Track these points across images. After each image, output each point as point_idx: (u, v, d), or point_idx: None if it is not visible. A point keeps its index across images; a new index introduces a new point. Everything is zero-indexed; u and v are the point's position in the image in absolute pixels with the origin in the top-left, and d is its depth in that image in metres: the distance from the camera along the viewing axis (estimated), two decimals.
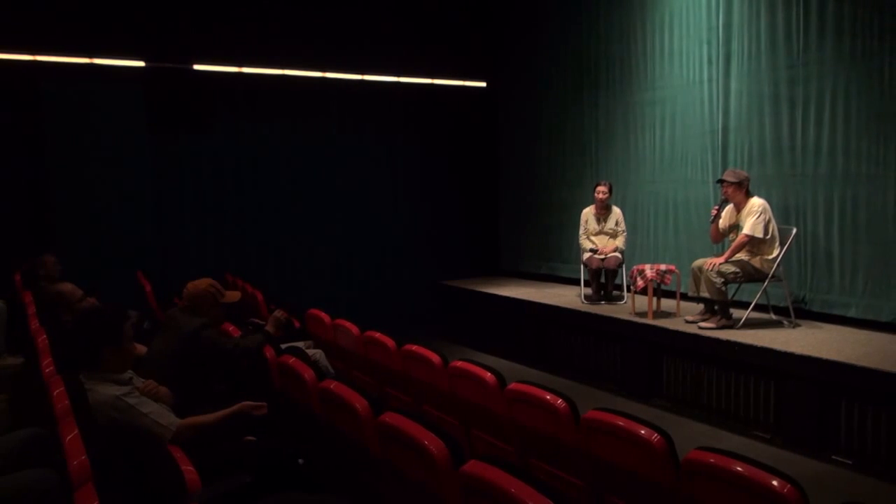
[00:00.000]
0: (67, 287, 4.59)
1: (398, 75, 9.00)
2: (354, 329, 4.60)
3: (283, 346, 4.06)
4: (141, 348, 3.50)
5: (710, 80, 6.61)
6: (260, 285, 6.66)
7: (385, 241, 9.30)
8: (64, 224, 7.19)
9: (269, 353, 3.80)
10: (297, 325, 5.65)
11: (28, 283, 5.62)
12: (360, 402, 2.72)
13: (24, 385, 3.45)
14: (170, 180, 7.97)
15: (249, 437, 3.11)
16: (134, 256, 7.35)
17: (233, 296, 3.88)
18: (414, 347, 3.97)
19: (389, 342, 4.19)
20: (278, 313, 4.06)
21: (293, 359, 3.45)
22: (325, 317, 5.01)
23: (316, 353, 4.44)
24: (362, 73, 8.80)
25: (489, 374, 3.36)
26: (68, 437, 2.13)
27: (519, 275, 9.17)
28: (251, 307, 6.59)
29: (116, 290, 6.23)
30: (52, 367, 2.86)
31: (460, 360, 3.62)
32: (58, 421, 2.27)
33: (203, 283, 3.77)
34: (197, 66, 7.82)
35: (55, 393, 2.43)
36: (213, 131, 8.17)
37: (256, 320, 4.37)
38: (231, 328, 4.53)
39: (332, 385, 2.97)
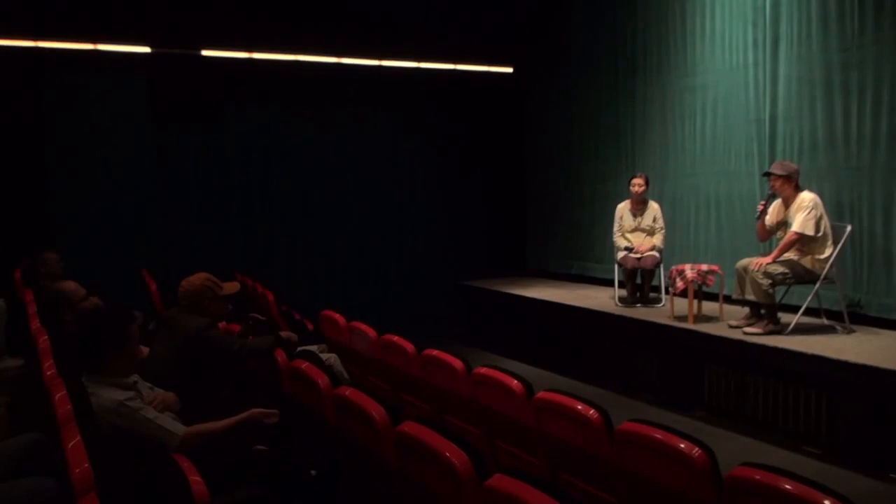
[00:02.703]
0: (70, 286, 4.66)
1: (418, 60, 9.01)
2: (371, 332, 4.61)
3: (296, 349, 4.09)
4: (145, 351, 3.55)
5: (755, 65, 6.54)
6: (271, 285, 6.71)
7: (403, 239, 9.33)
8: (66, 220, 7.31)
9: (280, 356, 3.83)
10: (310, 327, 5.69)
11: (29, 281, 5.72)
12: (376, 411, 2.73)
13: (25, 388, 3.51)
14: (176, 174, 8.07)
15: (259, 446, 3.14)
16: (139, 254, 7.45)
17: (231, 287, 3.91)
18: (434, 352, 3.96)
19: (408, 346, 4.19)
20: (293, 337, 4.10)
21: (306, 363, 3.47)
22: (340, 319, 5.03)
23: (330, 358, 4.46)
24: (380, 59, 8.81)
25: (515, 381, 3.35)
26: (70, 444, 2.16)
27: (547, 275, 9.15)
28: (252, 300, 6.65)
29: (120, 290, 6.31)
30: (53, 370, 2.90)
31: (484, 366, 3.62)
32: (59, 427, 2.30)
33: (198, 278, 3.80)
34: (205, 53, 7.89)
35: (57, 397, 2.47)
36: (223, 122, 8.25)
37: (256, 315, 4.39)
38: (222, 324, 4.58)
39: (348, 392, 2.98)
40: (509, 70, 9.61)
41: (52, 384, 2.61)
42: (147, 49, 7.58)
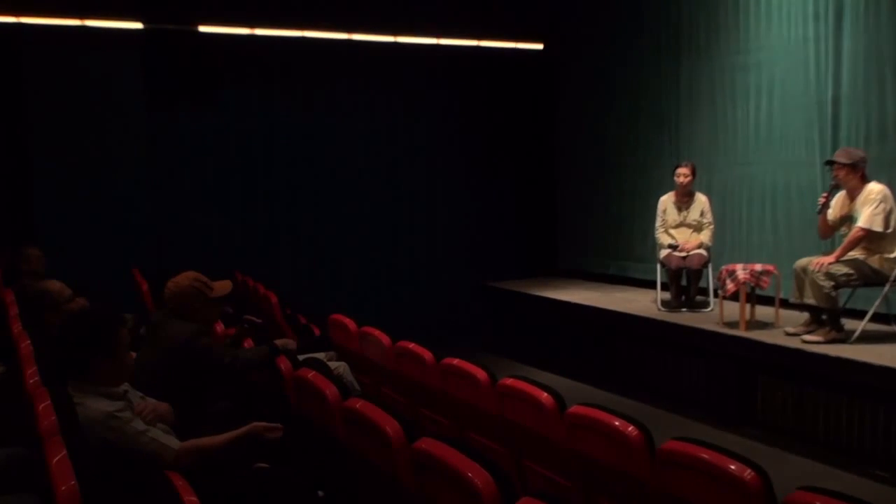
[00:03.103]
0: (55, 285, 4.70)
1: (438, 36, 9.01)
2: (385, 339, 4.62)
3: (301, 357, 4.11)
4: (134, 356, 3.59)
5: (817, 40, 6.47)
6: (274, 286, 6.75)
7: (421, 236, 9.35)
8: (50, 212, 7.39)
9: (284, 365, 3.85)
10: (316, 332, 5.71)
11: (9, 279, 5.78)
12: (391, 426, 2.73)
13: (5, 398, 3.55)
14: (171, 163, 8.14)
15: (261, 464, 3.16)
16: (129, 251, 7.52)
17: (222, 287, 3.92)
18: (455, 362, 3.97)
19: (426, 355, 4.20)
20: (290, 344, 4.12)
21: (312, 373, 3.49)
22: (351, 323, 5.05)
23: (339, 367, 4.48)
24: (395, 35, 8.82)
25: (546, 394, 3.35)
26: (55, 459, 2.18)
27: (581, 275, 9.13)
28: (254, 302, 6.68)
29: (109, 290, 6.37)
30: (36, 378, 2.93)
31: (511, 377, 3.61)
32: (43, 440, 2.33)
33: (185, 278, 3.81)
34: (203, 29, 7.95)
35: (41, 408, 2.49)
36: (222, 105, 8.31)
37: (252, 318, 4.42)
38: (221, 327, 4.62)
39: (359, 405, 2.99)
40: (539, 47, 9.56)
41: (34, 393, 2.64)
42: (139, 25, 7.65)
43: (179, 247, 7.99)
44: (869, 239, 5.34)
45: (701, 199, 6.88)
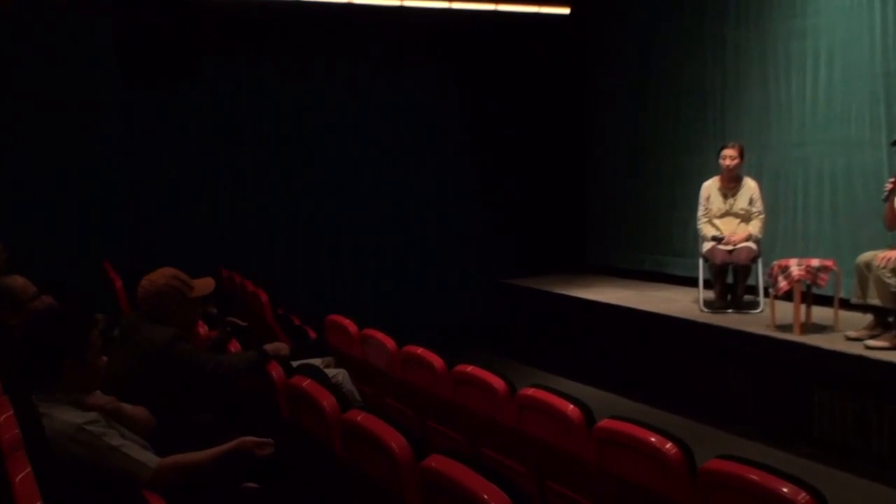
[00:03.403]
0: (17, 281, 4.72)
1: (450, 0, 9.00)
2: (389, 342, 4.63)
3: (295, 363, 4.13)
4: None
5: (883, 1, 6.42)
6: (264, 282, 6.78)
7: (430, 227, 9.37)
8: (10, 200, 7.43)
9: (275, 372, 3.86)
10: (312, 335, 5.73)
11: None
12: (396, 441, 2.74)
13: None
14: (147, 143, 8.17)
15: (250, 484, 3.17)
16: (101, 243, 7.57)
17: (204, 285, 3.93)
18: (469, 369, 3.96)
19: (436, 361, 4.20)
20: (282, 348, 4.12)
21: (308, 381, 3.50)
22: (351, 325, 5.06)
23: (338, 374, 4.49)
24: None
25: (572, 406, 3.35)
26: (18, 477, 2.20)
27: (612, 272, 9.12)
28: (241, 301, 6.69)
29: (78, 286, 6.40)
30: None
31: (532, 386, 3.61)
32: (5, 455, 2.34)
33: (161, 276, 3.81)
34: None
35: (2, 419, 2.51)
36: (205, 78, 8.34)
37: (236, 320, 4.43)
38: (203, 329, 4.63)
39: (360, 417, 3.00)
40: (566, 12, 9.52)
41: None
42: None
43: (157, 238, 8.04)
44: None
45: (750, 185, 6.85)
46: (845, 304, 5.99)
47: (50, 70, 7.54)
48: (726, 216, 6.86)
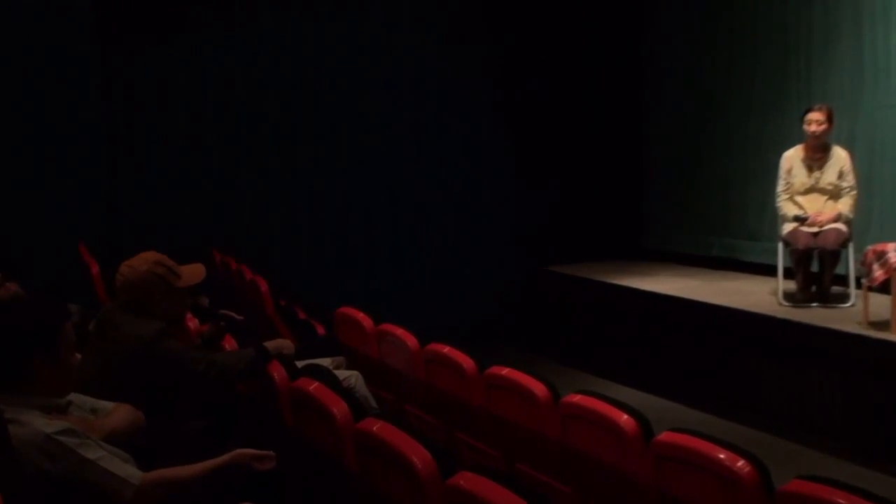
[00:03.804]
0: None
1: None
2: (410, 340, 4.64)
3: (300, 363, 4.14)
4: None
5: None
6: (265, 269, 6.81)
7: (459, 206, 9.36)
8: None
9: (277, 374, 3.88)
10: (320, 331, 5.75)
11: None
12: (418, 455, 2.74)
13: None
14: (129, 108, 8.20)
15: (246, 503, 3.19)
16: (75, 221, 7.62)
17: (193, 273, 3.96)
18: (504, 371, 3.96)
19: (465, 362, 4.20)
20: (285, 346, 4.14)
21: (315, 384, 3.51)
22: (365, 320, 5.07)
23: (350, 377, 4.50)
24: None
25: (625, 416, 3.34)
26: None
27: (674, 257, 9.09)
28: (238, 290, 6.72)
29: (48, 272, 6.47)
30: None
31: (578, 392, 3.61)
32: None
33: (143, 261, 3.82)
34: None
35: None
36: (196, 34, 8.37)
37: (230, 313, 4.45)
38: (194, 324, 4.65)
39: (376, 427, 3.01)
40: None
41: None
42: None
43: (139, 218, 8.08)
44: None
45: (840, 156, 6.79)
46: None
47: (21, 24, 7.57)
48: (811, 192, 6.81)
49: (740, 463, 2.91)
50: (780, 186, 6.90)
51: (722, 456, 2.96)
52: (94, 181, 7.91)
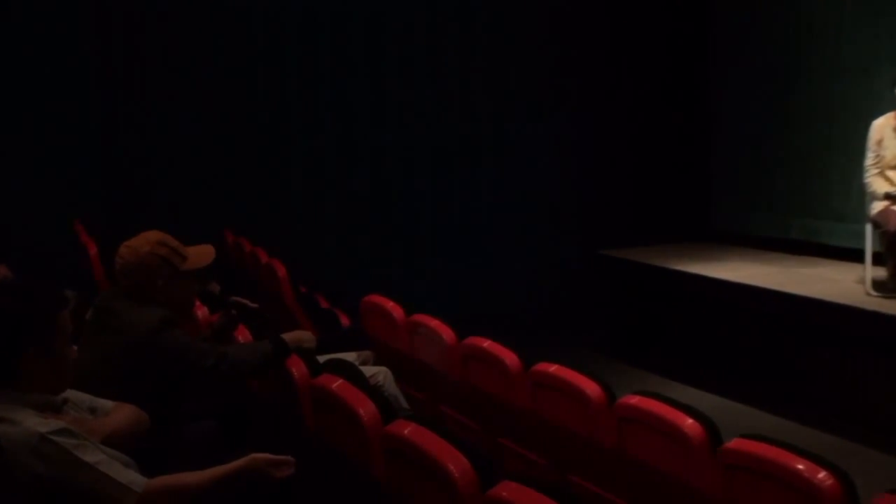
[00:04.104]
0: None
1: None
2: (447, 333, 4.66)
3: (323, 358, 4.16)
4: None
5: None
6: (283, 252, 6.83)
7: (502, 183, 9.36)
8: None
9: (296, 370, 3.90)
10: (345, 322, 5.77)
11: None
12: (455, 463, 2.75)
13: None
14: (129, 65, 8.24)
15: None
16: (70, 197, 7.70)
17: (200, 255, 3.96)
18: (552, 369, 3.97)
19: (509, 358, 4.22)
20: (305, 338, 4.15)
21: (339, 382, 3.52)
22: (396, 309, 5.09)
23: (378, 374, 4.52)
24: None
25: (690, 420, 3.35)
26: None
27: (747, 241, 9.06)
28: (252, 275, 6.74)
29: (41, 254, 6.53)
30: None
31: (637, 393, 3.62)
32: None
33: (145, 242, 3.83)
34: None
35: None
36: None
37: (242, 300, 4.46)
38: (203, 312, 4.68)
39: (408, 430, 3.01)
40: None
41: None
42: None
43: (141, 193, 8.13)
44: None
45: None
46: None
47: None
48: None
49: (821, 475, 2.91)
50: (869, 160, 6.84)
51: (800, 466, 2.95)
52: (90, 150, 7.96)
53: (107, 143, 8.09)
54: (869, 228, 6.93)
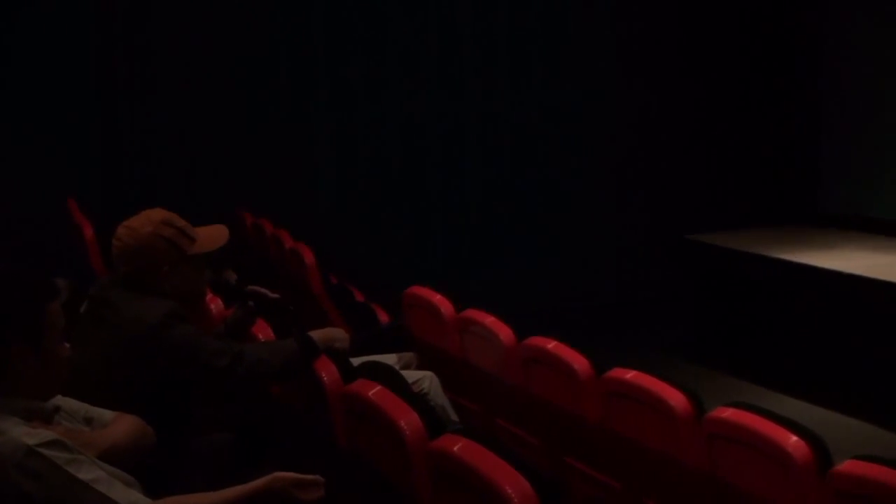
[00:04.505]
0: None
1: None
2: (504, 332, 4.63)
3: (357, 361, 4.17)
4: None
5: None
6: (309, 234, 6.85)
7: (570, 154, 9.37)
8: None
9: (326, 373, 3.91)
10: (383, 318, 5.78)
11: None
12: (514, 486, 2.74)
13: None
14: (130, 21, 8.29)
15: None
16: (61, 170, 7.77)
17: (212, 237, 3.96)
18: (629, 376, 3.96)
19: (578, 361, 4.20)
20: (337, 336, 4.14)
21: (376, 388, 3.53)
22: (444, 304, 5.08)
23: (422, 379, 4.53)
24: None
25: (794, 437, 3.32)
26: None
27: (862, 225, 9.00)
28: (275, 261, 6.77)
29: (29, 237, 6.59)
30: None
31: (730, 405, 3.60)
32: None
33: (147, 221, 3.82)
34: None
35: None
36: None
37: (261, 290, 4.45)
38: (216, 305, 4.70)
39: (457, 447, 3.01)
40: None
41: None
42: None
43: (144, 166, 8.18)
44: None
45: None
46: None
47: None
48: None
49: None
50: None
51: None
52: (86, 116, 8.03)
53: (106, 109, 8.14)
54: None
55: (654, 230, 9.26)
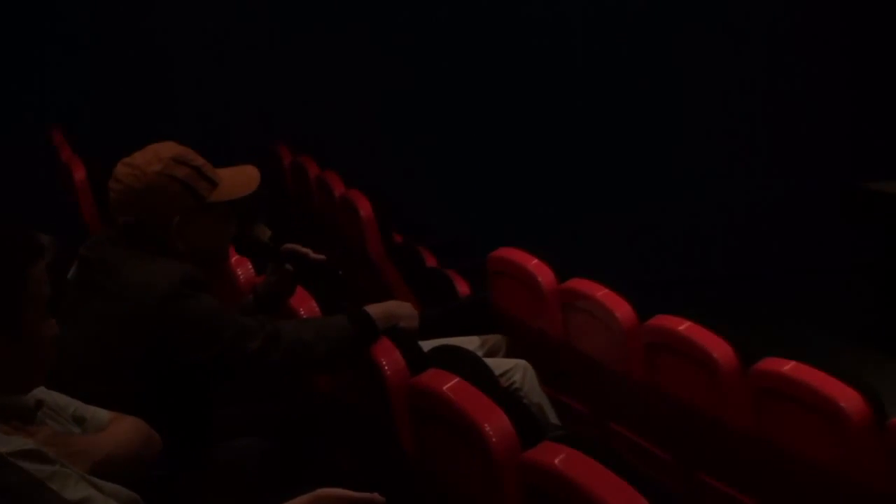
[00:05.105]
0: None
1: None
2: (621, 308, 4.63)
3: (428, 344, 4.17)
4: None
5: None
6: (364, 180, 6.87)
7: (706, 91, 9.46)
8: None
9: (387, 361, 3.90)
10: (462, 289, 5.79)
11: None
12: None
13: None
14: None
15: None
16: (42, 92, 7.87)
17: (239, 180, 3.96)
18: (786, 368, 3.95)
19: (718, 349, 4.18)
20: (402, 312, 4.12)
21: (453, 381, 3.51)
22: (543, 271, 5.07)
23: (513, 370, 4.53)
24: None
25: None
26: None
27: None
28: (318, 212, 6.81)
29: (3, 178, 6.67)
30: None
31: None
32: None
33: (155, 157, 3.80)
34: None
35: None
36: None
37: (300, 248, 4.42)
38: (245, 270, 4.71)
39: (558, 458, 3.00)
40: None
41: None
42: None
43: (148, 89, 8.25)
44: None
45: None
46: None
47: None
48: None
49: None
50: None
51: None
52: (75, 35, 8.11)
53: (96, 24, 8.22)
54: None
55: (815, 177, 9.26)
